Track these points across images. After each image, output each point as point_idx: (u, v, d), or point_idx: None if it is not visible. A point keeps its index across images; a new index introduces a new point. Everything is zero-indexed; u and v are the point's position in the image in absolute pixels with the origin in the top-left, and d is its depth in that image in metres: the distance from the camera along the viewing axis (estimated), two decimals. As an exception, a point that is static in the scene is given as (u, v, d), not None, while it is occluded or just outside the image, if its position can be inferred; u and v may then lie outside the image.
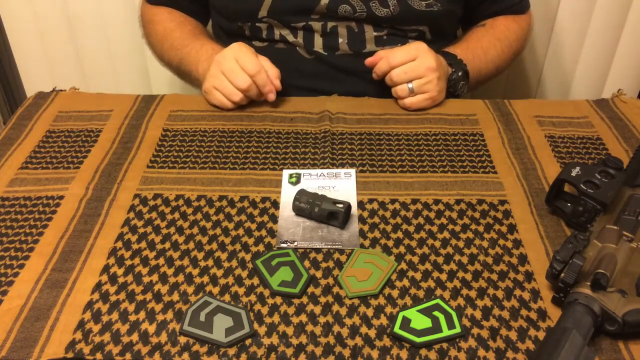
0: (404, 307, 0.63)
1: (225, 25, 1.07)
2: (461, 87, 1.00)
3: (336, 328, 0.61)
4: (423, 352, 0.58)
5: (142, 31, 1.14)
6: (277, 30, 1.02)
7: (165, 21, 1.08)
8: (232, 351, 0.58)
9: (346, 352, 0.58)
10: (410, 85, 0.93)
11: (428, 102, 0.94)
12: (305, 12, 0.99)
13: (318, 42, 1.02)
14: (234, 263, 0.68)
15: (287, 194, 0.77)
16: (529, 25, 1.15)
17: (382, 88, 0.97)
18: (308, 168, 0.83)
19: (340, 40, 1.01)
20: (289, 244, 0.71)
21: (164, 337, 0.60)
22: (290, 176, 0.81)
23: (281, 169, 0.82)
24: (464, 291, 0.65)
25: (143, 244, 0.71)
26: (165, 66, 1.10)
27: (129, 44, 1.40)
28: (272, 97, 0.93)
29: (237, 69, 0.90)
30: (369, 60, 0.96)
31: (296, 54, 1.03)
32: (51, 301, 0.63)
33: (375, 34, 1.01)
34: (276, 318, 0.62)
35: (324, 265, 0.68)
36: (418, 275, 0.67)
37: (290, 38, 1.02)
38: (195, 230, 0.73)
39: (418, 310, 0.62)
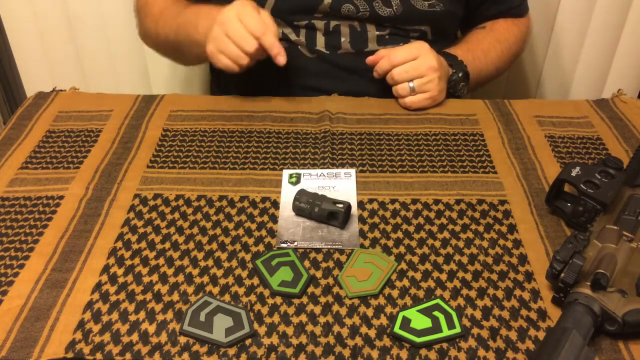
0: (404, 307, 0.63)
1: None
2: (461, 88, 1.00)
3: (336, 328, 0.61)
4: (423, 352, 0.58)
5: (137, 20, 1.11)
6: (280, 29, 1.02)
7: (160, 2, 1.05)
8: (232, 351, 0.58)
9: (346, 352, 0.58)
10: (411, 84, 0.93)
11: (429, 102, 0.94)
12: (308, 11, 0.99)
13: (320, 41, 1.02)
14: (234, 263, 0.68)
15: (287, 194, 0.77)
16: (528, 28, 1.15)
17: (383, 87, 0.97)
18: (308, 168, 0.83)
19: (343, 39, 1.01)
20: (289, 244, 0.71)
21: (164, 337, 0.59)
22: (290, 176, 0.81)
23: (281, 169, 0.82)
24: (464, 291, 0.65)
25: (143, 244, 0.71)
26: (160, 47, 1.07)
27: (129, 44, 1.40)
28: (281, 59, 0.88)
29: (243, 31, 0.86)
30: (370, 59, 0.96)
31: (298, 53, 1.03)
32: (51, 301, 0.63)
33: (377, 33, 1.01)
34: (276, 318, 0.62)
35: (324, 265, 0.68)
36: (418, 275, 0.67)
37: (293, 37, 1.02)
38: (195, 230, 0.73)
39: (418, 310, 0.62)
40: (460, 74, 0.98)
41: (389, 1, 0.98)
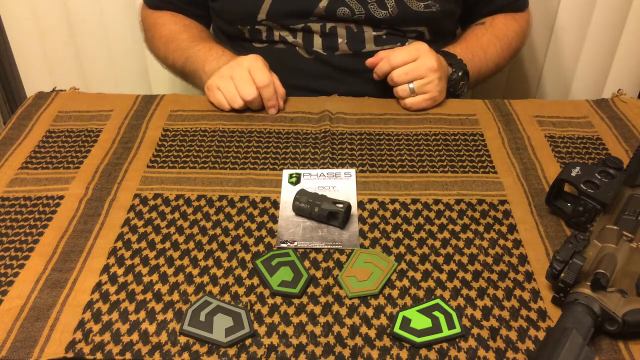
0: (404, 307, 0.63)
1: (225, 28, 1.08)
2: (461, 86, 1.00)
3: (336, 328, 0.61)
4: (423, 352, 0.58)
5: (144, 35, 1.14)
6: (277, 32, 1.02)
7: (170, 24, 1.08)
8: (232, 351, 0.58)
9: (346, 352, 0.58)
10: (411, 85, 0.93)
11: (429, 103, 0.94)
12: (303, 14, 0.99)
13: (317, 43, 1.02)
14: (234, 263, 0.68)
15: (287, 194, 0.77)
16: (528, 23, 1.15)
17: (382, 88, 0.97)
18: (308, 168, 0.83)
19: (340, 40, 1.01)
20: (289, 244, 0.71)
21: (164, 337, 0.60)
22: (290, 176, 0.81)
23: (281, 169, 0.82)
24: (464, 291, 0.65)
25: (143, 244, 0.71)
26: (168, 68, 1.10)
27: (129, 44, 1.40)
28: (273, 111, 0.94)
29: (248, 79, 0.91)
30: (369, 61, 0.96)
31: (296, 54, 1.03)
32: (51, 301, 0.63)
33: (374, 33, 1.01)
34: (276, 318, 0.62)
35: (324, 265, 0.68)
36: (418, 275, 0.67)
37: (290, 39, 1.02)
38: (195, 230, 0.73)
39: (418, 310, 0.62)
40: (460, 73, 0.98)
41: (384, 3, 0.98)
